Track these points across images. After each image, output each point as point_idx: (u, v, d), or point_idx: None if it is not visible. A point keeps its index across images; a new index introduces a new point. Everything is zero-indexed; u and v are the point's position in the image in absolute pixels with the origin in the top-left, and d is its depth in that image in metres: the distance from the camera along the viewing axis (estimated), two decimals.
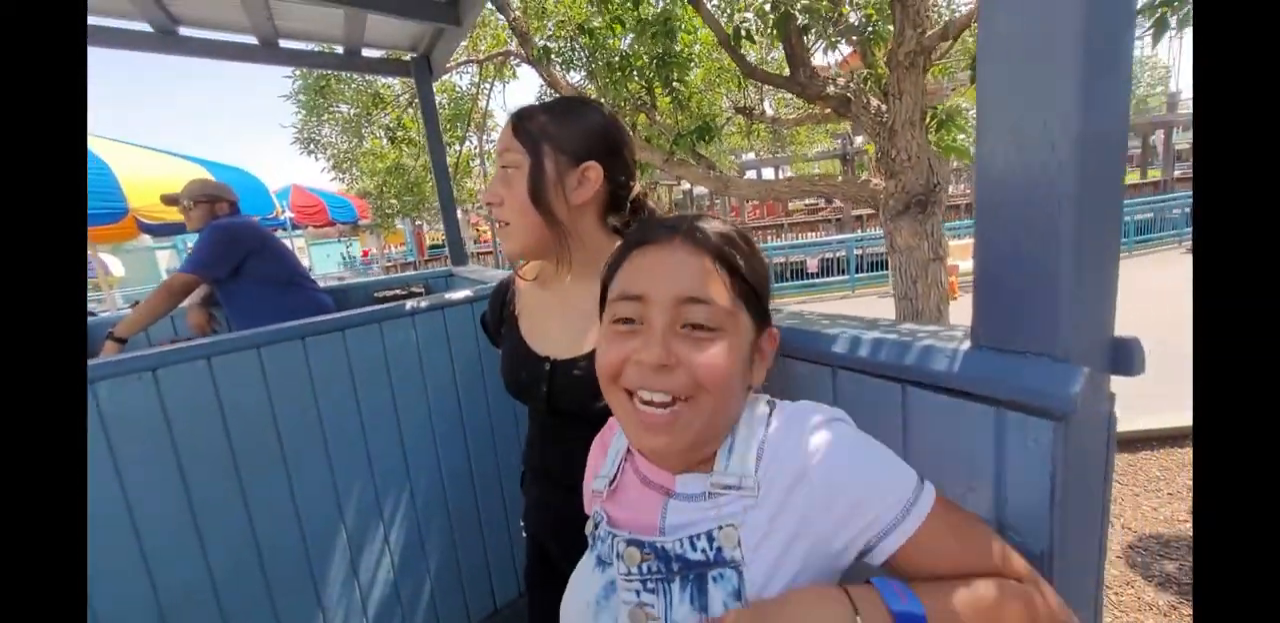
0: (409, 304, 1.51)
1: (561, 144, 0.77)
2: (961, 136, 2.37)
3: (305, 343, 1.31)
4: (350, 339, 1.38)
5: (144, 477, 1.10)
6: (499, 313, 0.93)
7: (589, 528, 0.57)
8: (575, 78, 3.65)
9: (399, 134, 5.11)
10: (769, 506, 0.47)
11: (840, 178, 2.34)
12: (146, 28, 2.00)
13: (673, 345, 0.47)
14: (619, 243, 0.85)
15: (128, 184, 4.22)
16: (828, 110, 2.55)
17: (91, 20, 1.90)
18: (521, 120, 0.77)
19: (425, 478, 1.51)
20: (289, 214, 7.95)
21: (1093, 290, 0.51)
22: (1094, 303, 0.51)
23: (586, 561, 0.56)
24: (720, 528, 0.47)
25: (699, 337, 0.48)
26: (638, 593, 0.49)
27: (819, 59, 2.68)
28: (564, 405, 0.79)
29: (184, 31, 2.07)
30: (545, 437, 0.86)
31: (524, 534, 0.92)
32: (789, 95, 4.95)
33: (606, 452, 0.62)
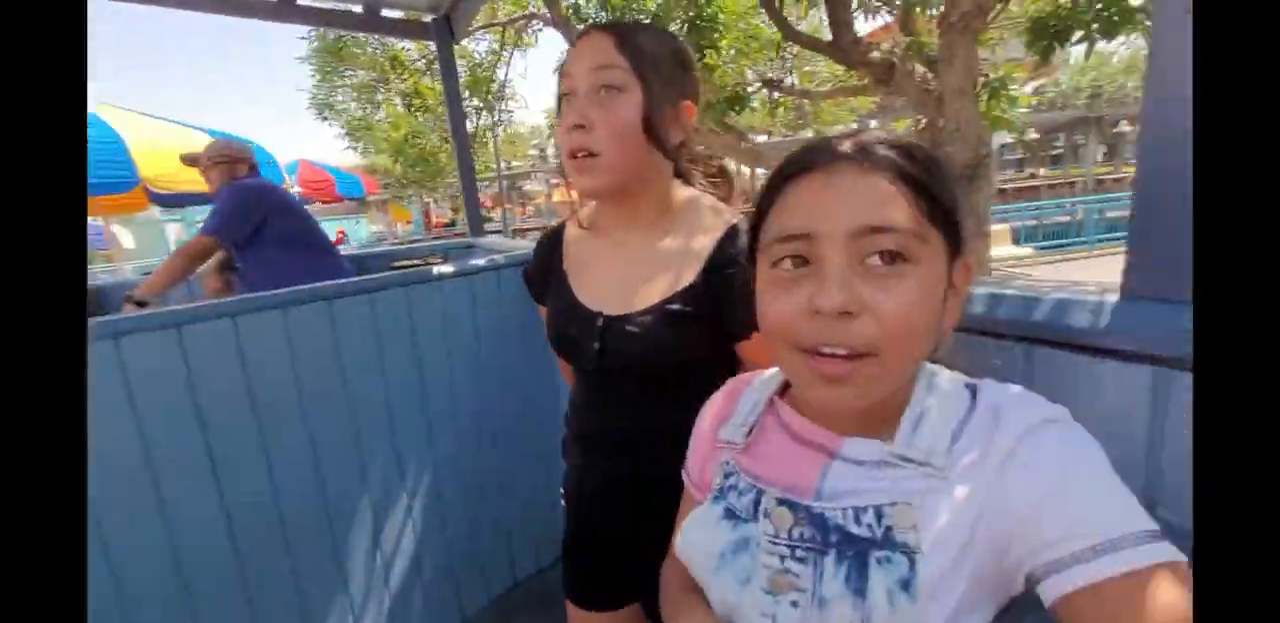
0: (436, 269, 1.44)
1: (670, 74, 0.69)
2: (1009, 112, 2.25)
3: (332, 305, 1.25)
4: (378, 303, 1.32)
5: (165, 430, 1.05)
6: (545, 266, 0.85)
7: (715, 478, 0.50)
8: None
9: (416, 101, 4.94)
10: (956, 495, 0.39)
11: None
12: None
13: (855, 287, 0.38)
14: (682, 190, 0.77)
15: (139, 153, 4.14)
16: (864, 81, 2.44)
17: None
18: (627, 36, 0.68)
19: (446, 444, 1.47)
20: (297, 189, 7.87)
21: None
22: None
23: (710, 509, 0.48)
24: (894, 505, 0.39)
25: (885, 273, 0.39)
26: (782, 559, 0.42)
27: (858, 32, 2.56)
28: (614, 364, 0.73)
29: None
30: (591, 398, 0.80)
31: (562, 502, 0.87)
32: (817, 69, 4.79)
33: (736, 400, 0.54)
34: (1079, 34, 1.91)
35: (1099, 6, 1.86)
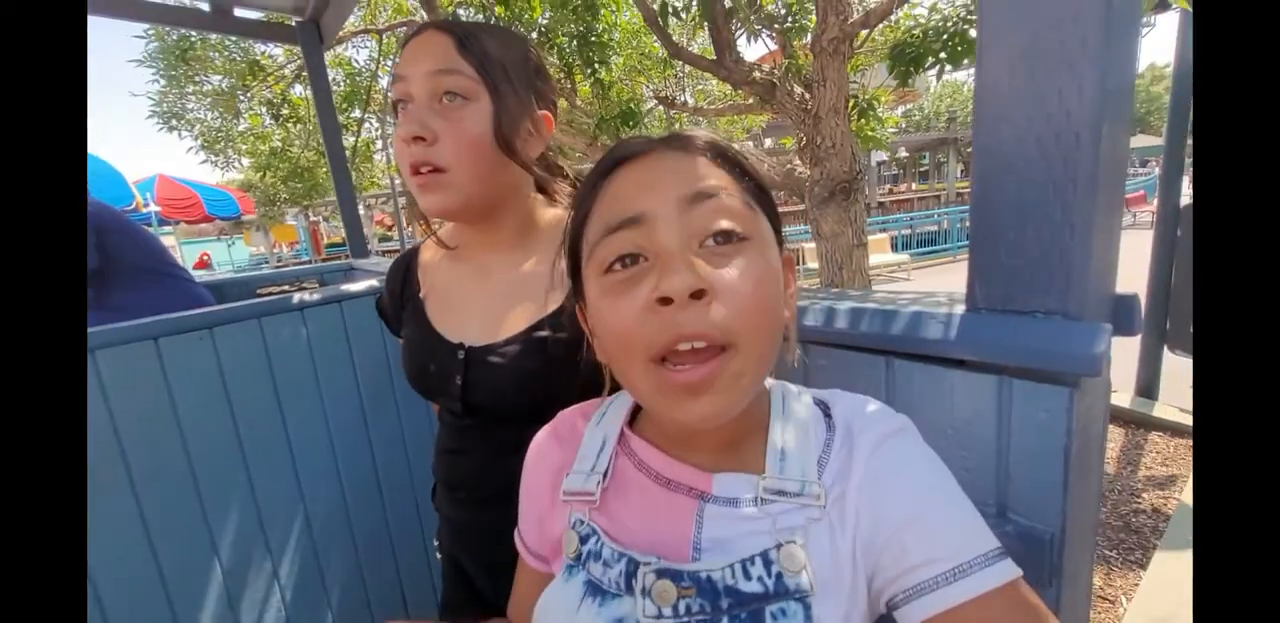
0: (296, 297, 1.29)
1: (524, 83, 0.62)
2: (878, 130, 2.43)
3: (159, 344, 1.07)
4: (220, 339, 1.15)
5: None
6: (399, 294, 0.76)
7: (569, 545, 0.42)
8: None
9: (284, 111, 4.53)
10: (835, 524, 0.37)
11: (766, 165, 2.34)
12: None
13: (698, 267, 0.35)
14: (546, 210, 0.70)
15: None
16: (751, 100, 2.54)
17: None
18: (470, 38, 0.60)
19: (324, 500, 1.30)
20: (154, 207, 7.02)
21: (1103, 240, 0.46)
22: (1105, 253, 0.46)
23: (566, 587, 0.41)
24: (779, 546, 0.35)
25: (726, 250, 0.36)
26: None
27: (742, 53, 2.67)
28: (481, 400, 0.66)
29: None
30: (458, 441, 0.72)
31: (438, 555, 0.78)
32: (709, 87, 4.98)
33: (575, 440, 0.47)
34: (931, 61, 2.10)
35: (944, 38, 2.07)
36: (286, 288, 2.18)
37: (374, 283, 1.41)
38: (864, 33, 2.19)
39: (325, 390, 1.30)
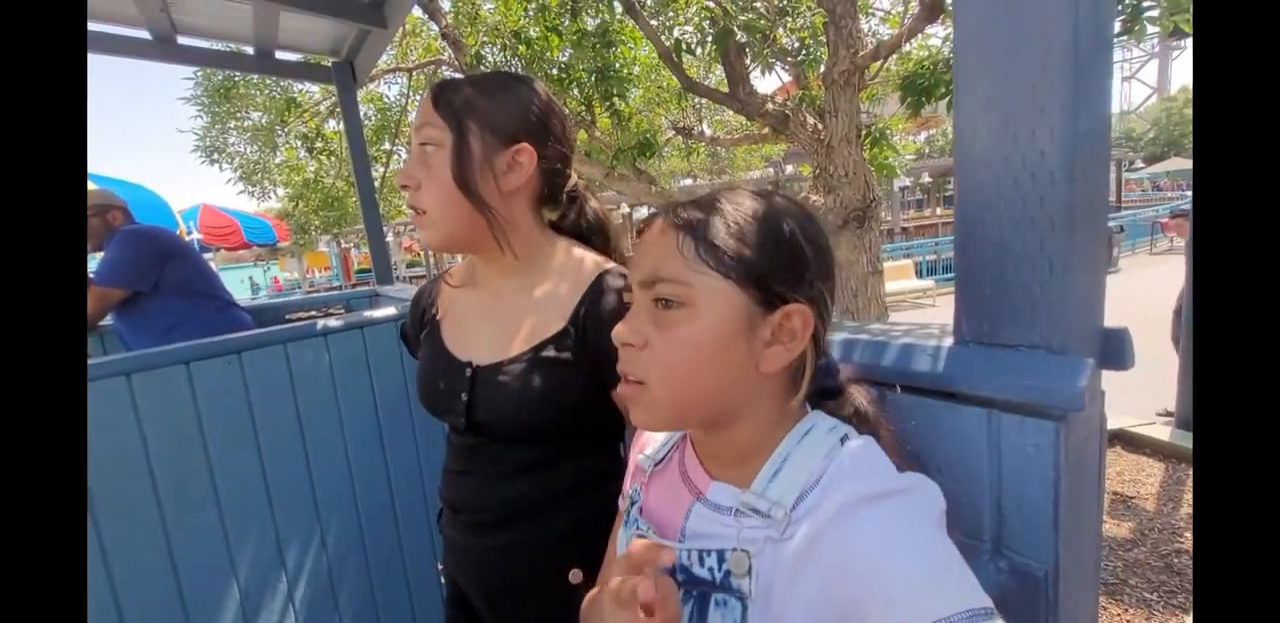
0: (320, 323, 1.34)
1: (490, 121, 0.67)
2: (892, 159, 2.45)
3: (190, 368, 1.12)
4: (248, 363, 1.20)
5: None
6: (420, 320, 0.81)
7: (624, 504, 0.55)
8: None
9: (318, 145, 4.77)
10: (784, 551, 0.40)
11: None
12: None
13: (641, 325, 0.45)
14: (556, 239, 0.74)
15: None
16: (765, 130, 2.60)
17: None
18: (444, 91, 0.68)
19: (339, 521, 1.32)
20: (196, 235, 7.35)
21: (1085, 276, 0.46)
22: (1086, 289, 0.47)
23: (622, 533, 0.54)
24: (734, 551, 0.42)
25: (663, 316, 0.45)
26: None
27: (760, 85, 2.74)
28: (485, 418, 0.68)
29: None
30: (462, 462, 0.74)
31: (441, 580, 0.79)
32: (727, 117, 5.09)
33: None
34: (942, 90, 2.13)
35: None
36: (314, 313, 2.25)
37: (393, 310, 1.46)
38: (876, 64, 2.23)
39: (345, 414, 1.34)
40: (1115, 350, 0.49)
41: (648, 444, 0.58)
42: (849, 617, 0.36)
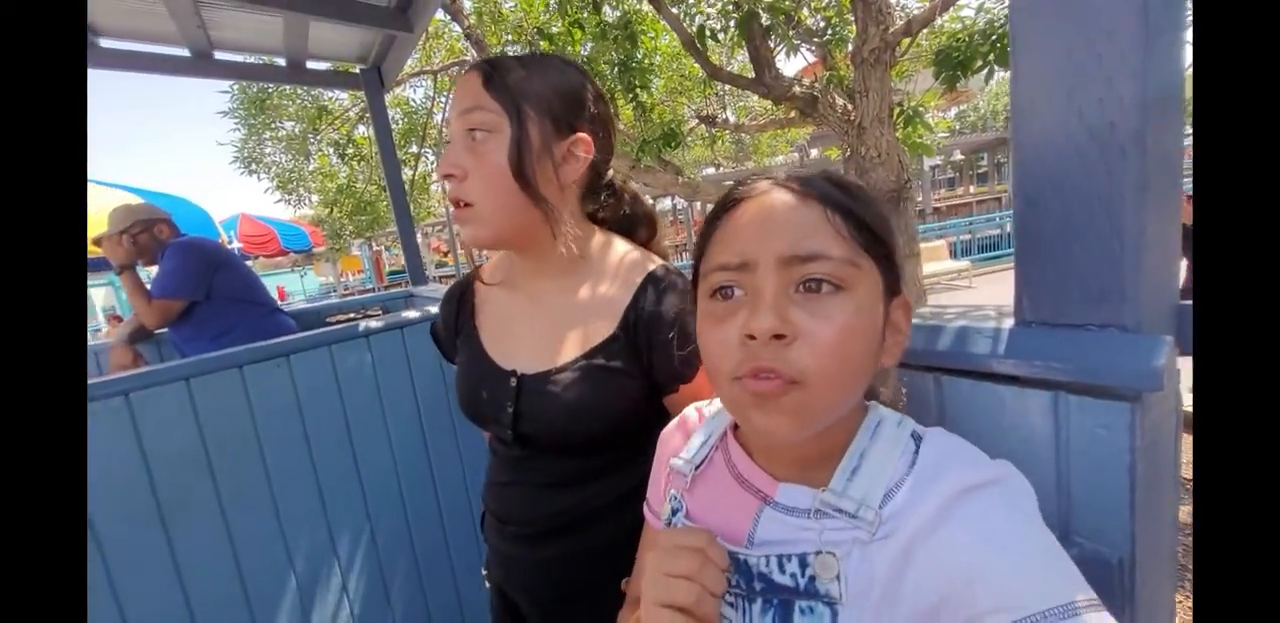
0: (362, 325, 1.38)
1: (548, 108, 0.62)
2: (926, 137, 2.37)
3: (243, 372, 1.17)
4: (296, 365, 1.24)
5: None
6: (454, 321, 0.77)
7: (664, 511, 0.50)
8: None
9: (349, 151, 4.88)
10: (882, 550, 0.38)
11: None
12: None
13: (788, 312, 0.38)
14: (595, 233, 0.70)
15: None
16: (792, 113, 2.54)
17: None
18: (497, 72, 0.61)
19: (388, 517, 1.36)
20: (236, 244, 7.62)
21: (1158, 250, 0.44)
22: (1160, 265, 0.44)
23: None
24: (819, 554, 0.39)
25: (818, 299, 0.38)
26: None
27: (784, 68, 2.68)
28: (533, 430, 0.65)
29: (105, 43, 1.92)
30: (508, 474, 0.71)
31: (486, 585, 0.78)
32: (751, 104, 5.01)
33: (688, 435, 0.53)
34: (980, 64, 2.04)
35: (993, 39, 2.01)
36: (353, 315, 2.32)
37: (432, 309, 1.48)
38: (906, 40, 2.16)
39: (388, 413, 1.38)
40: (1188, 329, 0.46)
41: (681, 448, 0.53)
42: (947, 605, 0.35)
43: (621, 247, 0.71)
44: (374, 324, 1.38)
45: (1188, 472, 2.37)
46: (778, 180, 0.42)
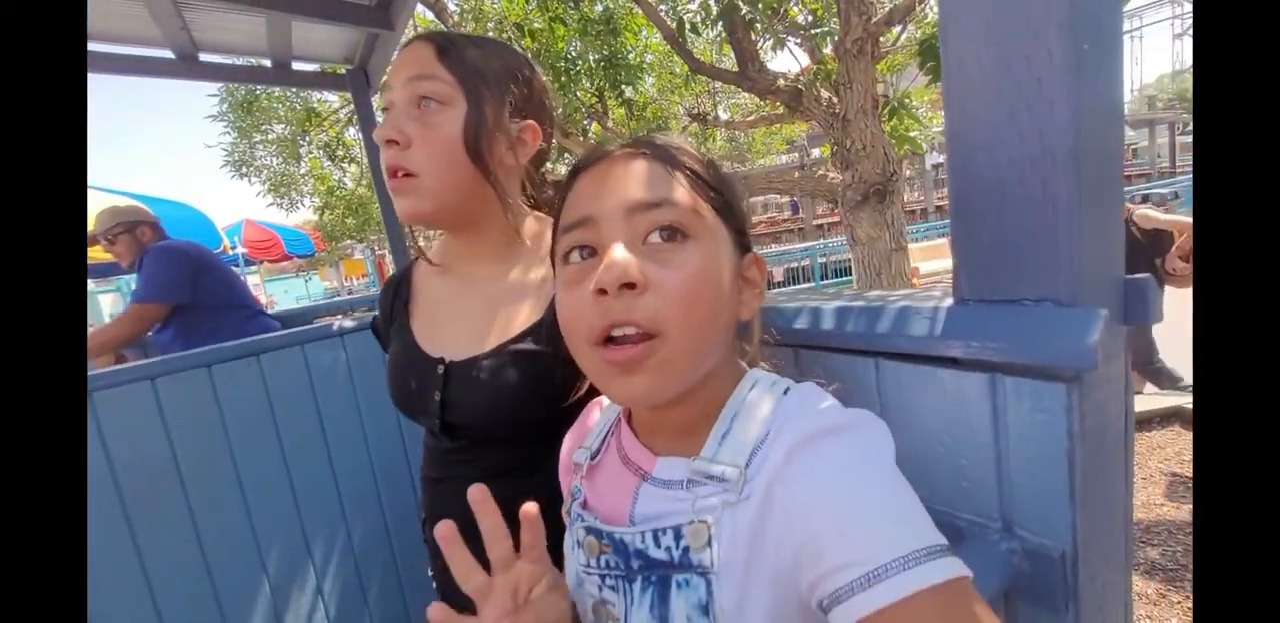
0: (336, 324, 1.36)
1: (503, 90, 0.62)
2: (915, 131, 2.34)
3: (211, 371, 1.15)
4: (267, 364, 1.23)
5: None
6: (390, 310, 0.75)
7: (567, 504, 0.50)
8: None
9: (340, 153, 4.90)
10: (744, 511, 0.37)
11: (797, 174, 2.30)
12: None
13: (636, 264, 0.38)
14: (529, 219, 0.68)
15: None
16: (780, 110, 2.52)
17: None
18: (451, 45, 0.60)
19: (365, 518, 1.34)
20: (240, 250, 7.67)
21: (1095, 222, 0.41)
22: (1098, 234, 0.41)
23: (567, 539, 0.49)
24: (691, 523, 0.38)
25: (666, 249, 0.39)
26: (599, 588, 0.43)
27: (773, 66, 2.66)
28: (459, 418, 0.63)
29: (90, 47, 1.93)
30: (440, 468, 0.68)
31: (433, 585, 0.76)
32: (743, 101, 4.98)
33: (592, 423, 0.53)
34: None
35: None
36: (339, 316, 2.31)
37: None
38: (894, 31, 2.13)
39: (365, 413, 1.36)
40: (1138, 302, 0.43)
41: (577, 442, 0.53)
42: (802, 559, 0.34)
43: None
44: (348, 323, 1.37)
45: (1188, 470, 2.32)
46: (623, 146, 0.44)
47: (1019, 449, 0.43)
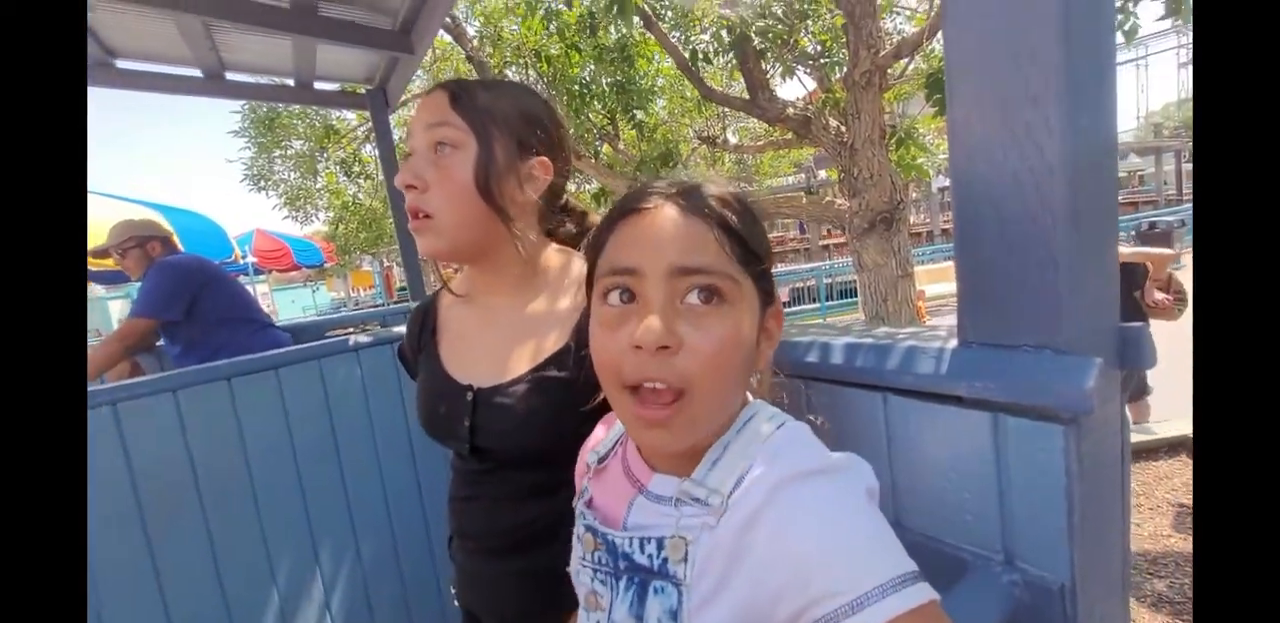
0: (352, 339, 1.39)
1: (512, 129, 0.66)
2: (922, 159, 2.39)
3: (231, 384, 1.18)
4: (285, 378, 1.26)
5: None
6: (418, 338, 0.78)
7: (577, 501, 0.55)
8: None
9: (356, 169, 5.01)
10: (718, 536, 0.40)
11: (805, 199, 2.35)
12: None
13: (674, 324, 0.41)
14: (551, 250, 0.72)
15: None
16: (789, 135, 2.57)
17: None
18: (463, 91, 0.65)
19: (374, 533, 1.36)
20: (250, 259, 7.75)
21: (1093, 272, 0.44)
22: (1095, 287, 0.44)
23: (577, 528, 0.53)
24: (672, 538, 0.42)
25: (702, 311, 0.41)
26: (591, 579, 0.48)
27: (783, 93, 2.73)
28: (488, 443, 0.66)
29: (121, 64, 2.00)
30: (468, 488, 0.72)
31: (455, 604, 0.77)
32: (751, 125, 5.08)
33: (610, 428, 0.57)
34: None
35: None
36: (351, 330, 2.34)
37: None
38: (901, 63, 2.19)
39: (377, 428, 1.39)
40: (1133, 350, 0.46)
41: (594, 443, 0.57)
42: (786, 590, 0.36)
43: (574, 261, 0.74)
44: (363, 339, 1.40)
45: (1186, 498, 2.30)
46: (668, 194, 0.45)
47: (1020, 486, 0.45)
